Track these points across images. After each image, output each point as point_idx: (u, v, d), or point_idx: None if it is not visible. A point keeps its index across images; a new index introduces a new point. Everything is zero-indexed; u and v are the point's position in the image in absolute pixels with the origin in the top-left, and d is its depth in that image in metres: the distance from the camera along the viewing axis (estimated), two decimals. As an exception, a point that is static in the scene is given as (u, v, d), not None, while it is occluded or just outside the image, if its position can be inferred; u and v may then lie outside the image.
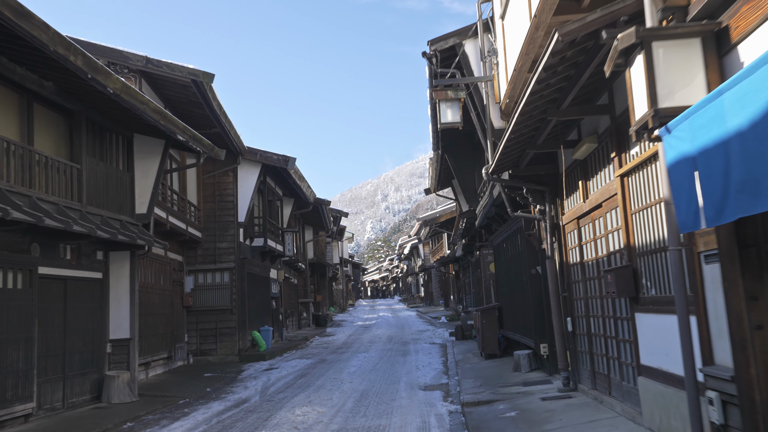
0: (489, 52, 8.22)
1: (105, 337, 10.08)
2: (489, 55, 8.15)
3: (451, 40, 8.77)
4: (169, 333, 13.54)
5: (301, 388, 10.88)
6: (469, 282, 24.81)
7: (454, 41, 8.77)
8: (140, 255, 10.67)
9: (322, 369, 13.31)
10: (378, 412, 8.34)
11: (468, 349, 15.11)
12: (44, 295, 8.46)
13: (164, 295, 13.40)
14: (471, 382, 10.11)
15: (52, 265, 8.67)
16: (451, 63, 8.40)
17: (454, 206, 25.73)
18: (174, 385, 11.44)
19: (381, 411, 8.37)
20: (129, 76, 10.74)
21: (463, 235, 18.72)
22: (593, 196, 6.61)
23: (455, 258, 26.14)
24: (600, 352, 6.87)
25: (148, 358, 11.99)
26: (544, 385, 8.69)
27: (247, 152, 16.10)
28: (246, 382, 11.94)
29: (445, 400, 8.91)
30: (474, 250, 20.77)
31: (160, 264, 13.18)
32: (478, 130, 8.62)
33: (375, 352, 16.35)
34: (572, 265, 7.80)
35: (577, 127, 6.90)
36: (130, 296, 10.35)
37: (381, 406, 8.71)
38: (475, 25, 8.64)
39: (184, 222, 14.04)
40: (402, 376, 11.61)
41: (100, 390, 9.73)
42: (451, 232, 26.66)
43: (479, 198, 13.95)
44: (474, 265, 22.85)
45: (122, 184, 10.30)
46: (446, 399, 9.04)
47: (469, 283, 25.17)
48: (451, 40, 8.77)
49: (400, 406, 8.59)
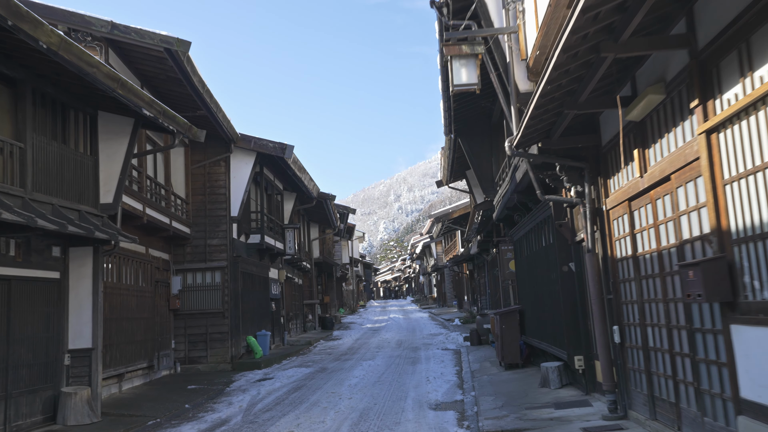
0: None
1: (63, 347, 8.64)
2: (513, 0, 6.57)
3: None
4: (150, 339, 12.10)
5: (293, 405, 9.36)
6: (485, 282, 23.17)
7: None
8: (106, 251, 9.23)
9: (321, 380, 11.79)
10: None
11: (485, 357, 13.50)
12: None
13: (144, 297, 11.96)
14: (490, 400, 8.51)
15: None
16: (466, 14, 6.85)
17: (467, 202, 24.09)
18: (148, 401, 9.98)
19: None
20: (93, 45, 9.31)
21: (478, 231, 17.10)
22: (656, 167, 5.00)
23: (469, 256, 24.50)
24: (663, 373, 5.26)
25: (120, 369, 10.54)
26: (582, 409, 7.07)
27: (241, 140, 14.63)
28: (232, 397, 10.46)
29: (460, 426, 7.33)
30: (490, 247, 19.13)
31: (138, 262, 11.74)
32: (499, 95, 7.05)
33: (382, 359, 14.79)
34: (620, 260, 6.19)
35: (630, 80, 5.30)
36: (92, 299, 8.90)
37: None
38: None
39: (168, 216, 12.59)
40: (410, 391, 10.04)
41: (55, 409, 8.30)
42: (464, 228, 25.03)
43: (497, 187, 12.34)
44: (490, 263, 21.19)
45: (83, 168, 8.86)
46: (461, 424, 7.46)
47: (484, 283, 23.52)
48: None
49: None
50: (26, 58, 7.30)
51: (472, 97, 10.76)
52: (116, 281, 10.66)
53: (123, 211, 10.07)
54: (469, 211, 22.25)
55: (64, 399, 8.28)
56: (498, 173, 11.95)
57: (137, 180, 11.20)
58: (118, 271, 10.77)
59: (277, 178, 18.89)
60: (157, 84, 11.56)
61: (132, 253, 11.37)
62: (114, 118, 9.28)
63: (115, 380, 10.50)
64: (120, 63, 10.41)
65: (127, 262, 11.19)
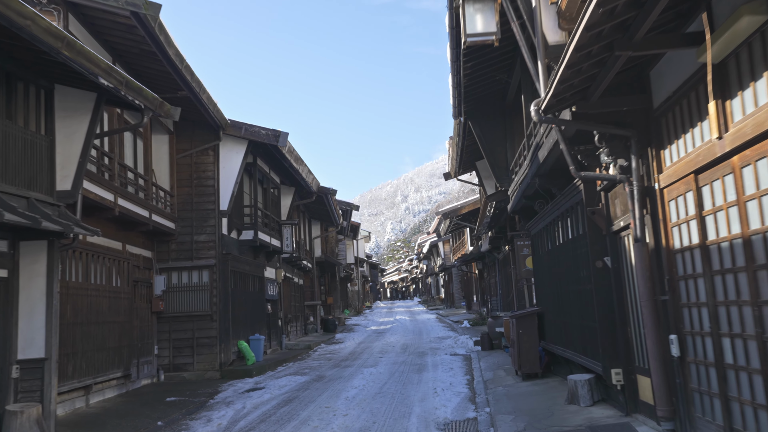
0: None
1: (10, 356, 7.41)
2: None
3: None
4: (127, 346, 10.87)
5: (280, 422, 8.10)
6: (496, 282, 21.82)
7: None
8: (64, 245, 8.00)
9: (316, 391, 10.52)
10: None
11: (498, 364, 12.18)
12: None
13: (119, 299, 10.73)
14: (509, 420, 7.19)
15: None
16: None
17: (477, 198, 22.79)
18: (116, 418, 8.74)
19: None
20: (49, 9, 8.09)
21: (489, 226, 15.78)
22: (746, 122, 3.69)
23: (479, 255, 23.16)
24: (749, 400, 3.94)
25: (87, 380, 9.31)
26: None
27: (230, 126, 13.39)
28: (214, 411, 9.20)
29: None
30: (502, 243, 17.81)
31: (112, 260, 10.52)
32: (522, 49, 5.76)
33: (385, 365, 13.51)
34: (679, 252, 4.87)
35: (706, 6, 3.98)
36: (47, 301, 7.67)
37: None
38: None
39: (147, 208, 11.36)
40: (414, 405, 8.76)
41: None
42: (474, 225, 23.70)
43: (512, 175, 11.01)
44: (502, 262, 19.85)
45: (34, 149, 7.64)
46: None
47: (495, 283, 22.19)
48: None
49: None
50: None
51: (486, 69, 9.45)
52: (82, 280, 9.44)
53: (88, 201, 8.84)
54: (478, 206, 20.93)
55: (8, 419, 7.04)
56: (514, 159, 10.64)
57: (108, 167, 9.97)
58: (85, 269, 9.55)
59: (273, 170, 17.65)
60: (131, 60, 10.33)
61: (104, 250, 10.15)
62: (73, 93, 8.06)
63: (81, 393, 9.27)
64: (85, 33, 9.18)
65: (97, 260, 9.97)
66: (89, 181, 8.86)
